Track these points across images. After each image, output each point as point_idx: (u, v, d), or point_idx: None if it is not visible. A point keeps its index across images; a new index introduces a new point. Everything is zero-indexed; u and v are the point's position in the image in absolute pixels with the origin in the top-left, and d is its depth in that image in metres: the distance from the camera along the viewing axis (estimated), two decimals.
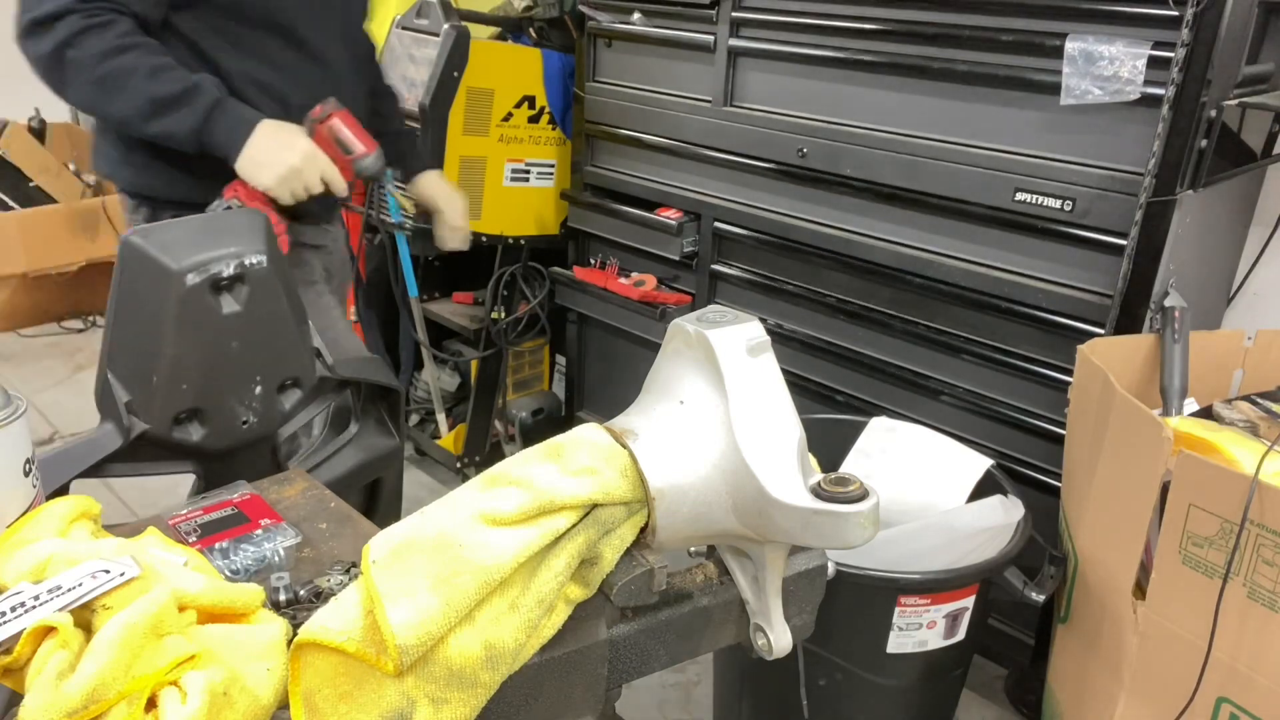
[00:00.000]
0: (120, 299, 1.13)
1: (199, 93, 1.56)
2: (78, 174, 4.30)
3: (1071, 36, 1.76)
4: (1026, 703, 2.18)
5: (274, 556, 0.95)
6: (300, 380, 1.28)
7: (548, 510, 0.65)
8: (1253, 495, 1.34)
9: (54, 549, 0.71)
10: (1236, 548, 1.38)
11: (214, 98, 1.57)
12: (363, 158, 1.71)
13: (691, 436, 0.68)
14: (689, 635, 0.75)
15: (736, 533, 0.69)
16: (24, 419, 0.87)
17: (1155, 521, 1.50)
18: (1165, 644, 1.51)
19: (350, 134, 1.70)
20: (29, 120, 4.33)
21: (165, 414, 1.14)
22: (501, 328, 2.94)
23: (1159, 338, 1.79)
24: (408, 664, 0.61)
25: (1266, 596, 1.37)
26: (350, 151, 1.70)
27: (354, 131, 1.71)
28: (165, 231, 1.13)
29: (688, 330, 0.71)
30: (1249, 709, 1.44)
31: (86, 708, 0.59)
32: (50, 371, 3.95)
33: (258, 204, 1.63)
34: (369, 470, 1.47)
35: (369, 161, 1.72)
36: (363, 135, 1.72)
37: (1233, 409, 1.71)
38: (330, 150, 1.68)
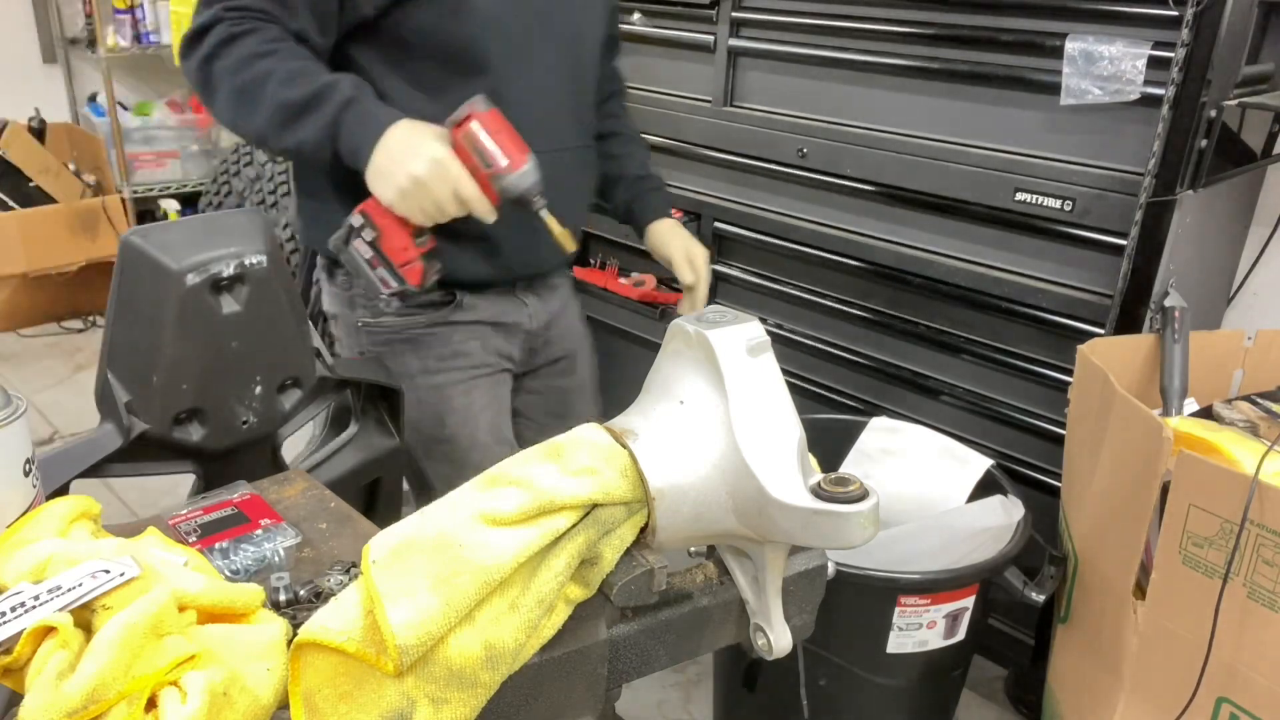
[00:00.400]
0: (120, 299, 1.13)
1: (331, 92, 1.31)
2: (78, 174, 4.30)
3: (1071, 36, 1.76)
4: (1026, 703, 2.18)
5: (274, 556, 0.95)
6: (300, 380, 1.28)
7: (548, 510, 0.65)
8: (1253, 495, 1.34)
9: (54, 549, 0.71)
10: (1236, 548, 1.38)
11: (346, 97, 1.31)
12: (504, 174, 1.33)
13: (691, 436, 0.68)
14: (689, 635, 0.75)
15: (736, 533, 0.69)
16: (24, 419, 0.87)
17: (1155, 521, 1.50)
18: (1165, 644, 1.51)
19: (491, 142, 1.33)
20: (29, 120, 4.33)
21: (165, 414, 1.14)
22: None
23: (1159, 338, 1.79)
24: (408, 664, 0.61)
25: (1266, 596, 1.37)
26: (489, 164, 1.33)
27: (499, 139, 1.34)
28: (165, 231, 1.13)
29: (688, 330, 0.71)
30: (1249, 709, 1.44)
31: (86, 708, 0.59)
32: (50, 371, 3.95)
33: (390, 225, 1.36)
34: (369, 470, 1.47)
35: (512, 179, 1.34)
36: (511, 144, 1.35)
37: (1233, 409, 1.71)
38: (469, 162, 1.33)
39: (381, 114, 1.32)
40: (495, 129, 1.34)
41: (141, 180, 4.54)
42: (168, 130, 4.58)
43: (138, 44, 4.47)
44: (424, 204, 1.31)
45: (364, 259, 1.38)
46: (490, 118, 1.33)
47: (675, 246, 1.70)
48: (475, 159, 1.32)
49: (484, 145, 1.32)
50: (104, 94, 4.41)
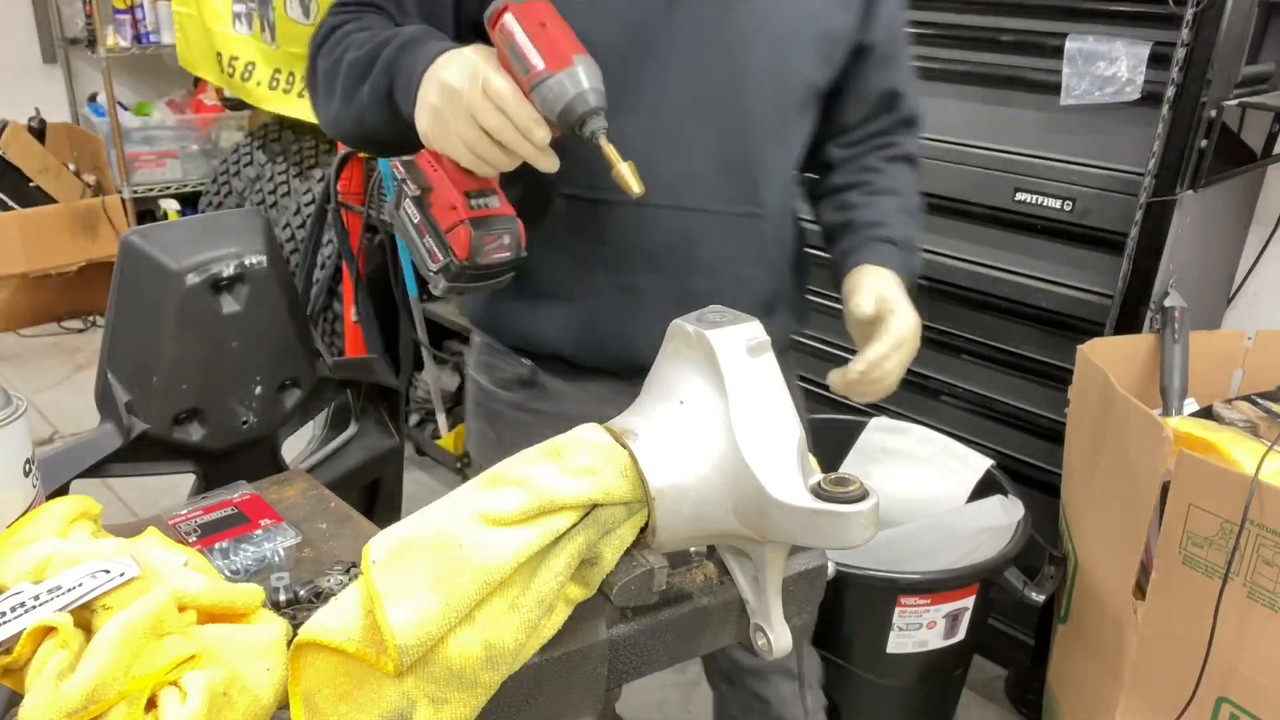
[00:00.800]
0: (120, 299, 1.13)
1: (391, 40, 1.06)
2: (78, 174, 4.31)
3: (1071, 36, 1.76)
4: (1026, 703, 2.18)
5: (274, 556, 0.95)
6: (300, 380, 1.27)
7: (548, 510, 0.65)
8: (1253, 495, 1.34)
9: (54, 549, 0.71)
10: (1236, 548, 1.38)
11: (405, 39, 1.05)
12: (541, 78, 0.96)
13: (691, 437, 0.69)
14: (689, 635, 0.75)
15: (736, 533, 0.69)
16: (24, 419, 0.87)
17: (1155, 521, 1.50)
18: (1165, 644, 1.51)
19: (526, 39, 0.97)
20: (29, 120, 4.34)
21: (165, 414, 1.14)
22: None
23: (1159, 338, 1.79)
24: (408, 664, 0.61)
25: (1266, 596, 1.37)
26: (526, 70, 0.97)
27: (539, 35, 0.98)
28: (165, 231, 1.13)
29: (687, 330, 0.71)
30: (1249, 709, 1.44)
31: (86, 708, 0.59)
32: (50, 371, 3.95)
33: (440, 179, 1.06)
34: (369, 470, 1.47)
35: (551, 85, 0.96)
36: (555, 41, 0.98)
37: (1233, 409, 1.71)
38: (509, 70, 0.99)
39: (435, 47, 1.02)
40: (535, 22, 0.99)
41: (141, 180, 4.54)
42: (167, 130, 4.58)
43: (138, 44, 4.47)
44: (459, 126, 0.97)
45: (412, 224, 1.09)
46: (530, 9, 1.00)
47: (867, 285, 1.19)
48: (513, 64, 0.98)
49: (518, 44, 0.98)
50: (104, 94, 4.41)
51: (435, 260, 1.07)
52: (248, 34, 3.56)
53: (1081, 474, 1.72)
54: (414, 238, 1.09)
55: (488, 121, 0.97)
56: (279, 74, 3.47)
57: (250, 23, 3.52)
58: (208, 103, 4.68)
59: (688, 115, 1.15)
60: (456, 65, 0.98)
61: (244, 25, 3.57)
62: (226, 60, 3.71)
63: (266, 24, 3.41)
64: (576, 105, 0.97)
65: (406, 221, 1.10)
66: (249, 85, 3.61)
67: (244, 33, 3.58)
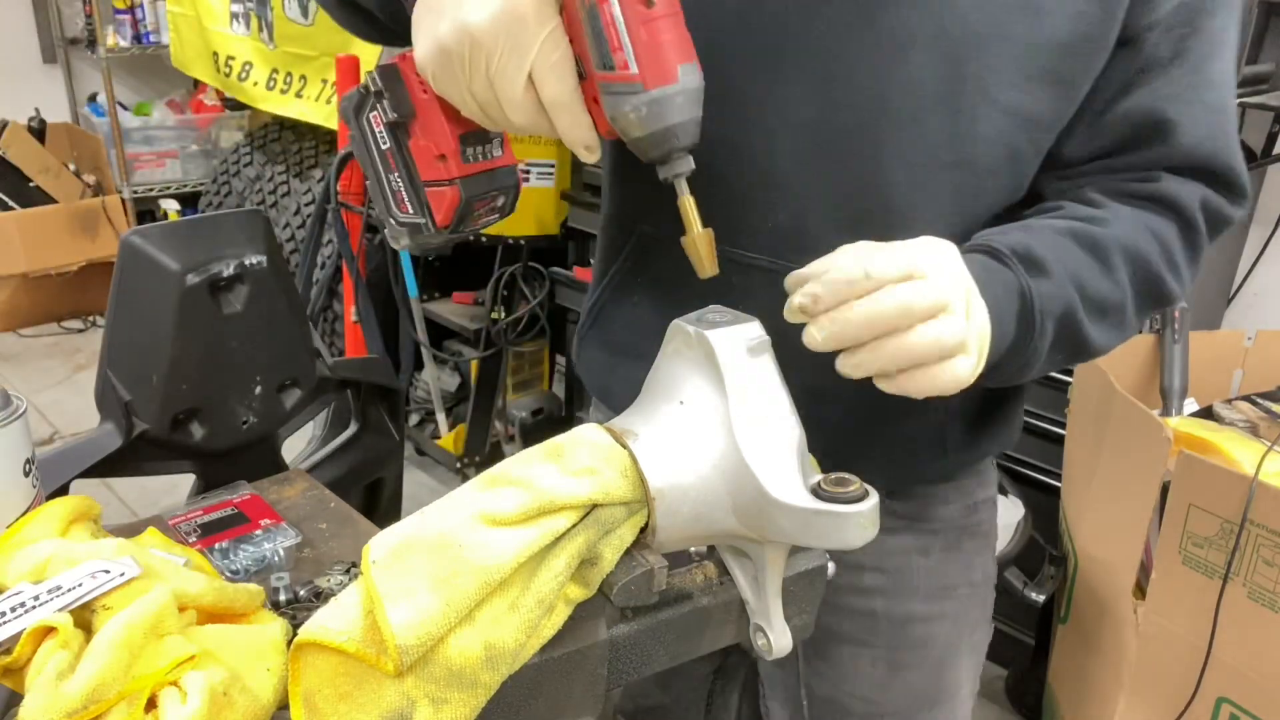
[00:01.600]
0: (120, 299, 1.13)
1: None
2: (78, 174, 4.31)
3: None
4: (1026, 703, 2.18)
5: (274, 556, 0.95)
6: (300, 380, 1.28)
7: (548, 510, 0.65)
8: (1253, 495, 1.34)
9: (54, 549, 0.71)
10: (1236, 548, 1.38)
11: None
12: (626, 85, 0.69)
13: (691, 437, 0.68)
14: (689, 635, 0.75)
15: (736, 533, 0.69)
16: (24, 419, 0.87)
17: (1155, 521, 1.50)
18: (1165, 644, 1.51)
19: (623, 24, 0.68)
20: (29, 120, 4.34)
21: (165, 414, 1.14)
22: (501, 328, 2.94)
23: (1159, 338, 1.79)
24: (408, 664, 0.61)
25: (1266, 596, 1.37)
26: (606, 61, 0.69)
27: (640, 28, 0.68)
28: (165, 231, 1.13)
29: (687, 330, 0.71)
30: (1249, 709, 1.44)
31: (86, 708, 0.59)
32: (50, 371, 3.95)
33: (429, 108, 0.77)
34: (369, 470, 1.47)
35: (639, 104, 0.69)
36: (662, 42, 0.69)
37: (1233, 409, 1.71)
38: (579, 45, 0.71)
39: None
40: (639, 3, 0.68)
41: (141, 180, 4.54)
42: (167, 130, 4.58)
43: (138, 44, 4.48)
44: (476, 86, 0.71)
45: (377, 148, 0.80)
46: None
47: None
48: (588, 42, 0.69)
49: (607, 26, 0.68)
50: (104, 94, 4.41)
51: (403, 209, 0.81)
52: (245, 34, 3.56)
53: (1081, 474, 1.72)
54: (377, 166, 0.81)
55: (520, 119, 0.72)
56: (277, 74, 3.47)
57: (248, 23, 3.52)
58: (208, 103, 4.68)
59: (809, 149, 0.85)
60: (490, 4, 0.68)
61: (241, 25, 3.57)
62: (223, 60, 3.71)
63: (265, 24, 3.41)
64: (662, 141, 0.70)
65: (369, 141, 0.80)
66: (246, 85, 3.61)
67: (241, 33, 3.58)
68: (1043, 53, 0.81)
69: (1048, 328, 0.79)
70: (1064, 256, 0.81)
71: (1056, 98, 0.83)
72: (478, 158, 0.79)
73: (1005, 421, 1.03)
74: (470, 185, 0.79)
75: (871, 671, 1.06)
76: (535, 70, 0.69)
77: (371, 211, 2.88)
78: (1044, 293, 0.78)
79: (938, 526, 1.04)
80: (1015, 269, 0.78)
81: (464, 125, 0.77)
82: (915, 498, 1.03)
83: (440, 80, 0.73)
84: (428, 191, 0.79)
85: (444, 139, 0.78)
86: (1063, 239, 0.83)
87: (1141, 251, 0.84)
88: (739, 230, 0.84)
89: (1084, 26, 0.80)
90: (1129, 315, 0.86)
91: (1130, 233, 0.84)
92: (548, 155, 2.83)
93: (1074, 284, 0.80)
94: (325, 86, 3.22)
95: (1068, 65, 0.82)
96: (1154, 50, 0.83)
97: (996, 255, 0.80)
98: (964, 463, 1.03)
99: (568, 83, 0.70)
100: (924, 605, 1.05)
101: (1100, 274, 0.82)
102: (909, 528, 1.03)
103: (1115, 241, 0.83)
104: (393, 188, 0.81)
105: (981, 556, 1.09)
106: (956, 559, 1.06)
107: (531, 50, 0.68)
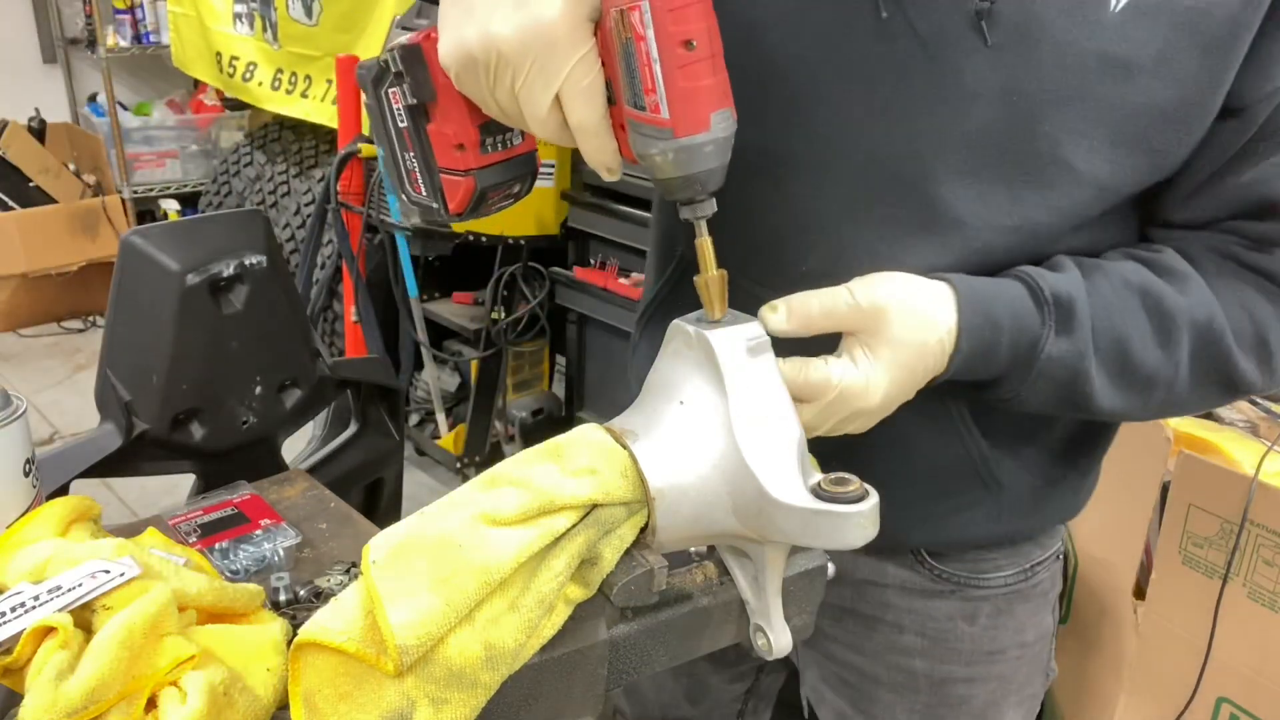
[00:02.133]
0: (120, 299, 1.13)
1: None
2: (78, 174, 4.31)
3: None
4: None
5: (274, 556, 0.95)
6: (300, 380, 1.28)
7: (548, 510, 0.65)
8: (1253, 495, 1.35)
9: (54, 549, 0.71)
10: (1236, 548, 1.38)
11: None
12: (654, 131, 0.66)
13: (691, 437, 0.68)
14: (689, 635, 0.75)
15: (736, 533, 0.69)
16: (24, 419, 0.87)
17: (1155, 521, 1.50)
18: (1165, 644, 1.51)
19: (658, 60, 0.64)
20: (29, 120, 4.34)
21: (165, 414, 1.14)
22: (501, 328, 2.94)
23: None
24: (408, 664, 0.61)
25: (1266, 596, 1.37)
26: (637, 98, 0.66)
27: (680, 68, 0.64)
28: (165, 231, 1.13)
29: (687, 331, 0.71)
30: (1249, 709, 1.44)
31: (86, 708, 0.59)
32: (50, 371, 3.95)
33: (450, 94, 0.74)
34: (369, 470, 1.47)
35: (666, 148, 0.66)
36: (699, 90, 0.65)
37: (1233, 409, 1.71)
38: (611, 69, 0.67)
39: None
40: (680, 38, 0.64)
41: (141, 180, 4.54)
42: (167, 130, 4.59)
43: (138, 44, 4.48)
44: (495, 89, 0.69)
45: (394, 126, 0.78)
46: (682, 13, 0.63)
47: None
48: (620, 74, 0.66)
49: (642, 62, 0.64)
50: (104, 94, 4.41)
51: (416, 190, 0.80)
52: (249, 34, 3.56)
53: None
54: (392, 142, 0.79)
55: (544, 134, 0.70)
56: (281, 74, 3.47)
57: (251, 23, 3.53)
58: (208, 103, 4.68)
59: (854, 195, 0.79)
60: (525, 13, 0.64)
61: (245, 25, 3.57)
62: (226, 60, 3.71)
63: (269, 24, 3.41)
64: (685, 186, 0.68)
65: (387, 115, 0.78)
66: (250, 85, 3.61)
67: (245, 33, 3.58)
68: (1132, 118, 0.73)
69: (1040, 386, 0.76)
70: (1112, 316, 0.76)
71: (1142, 168, 0.75)
72: (496, 147, 0.77)
73: (1073, 489, 0.95)
74: (486, 176, 0.77)
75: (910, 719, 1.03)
76: (564, 93, 0.66)
77: (372, 211, 2.88)
78: (1054, 353, 0.75)
79: (987, 593, 0.97)
80: (1046, 315, 0.74)
81: (484, 115, 0.75)
82: (965, 560, 0.95)
83: (463, 81, 0.71)
84: (443, 178, 0.78)
85: (464, 129, 0.75)
86: (1128, 294, 0.76)
87: (1216, 327, 0.77)
88: (772, 270, 0.80)
89: (1185, 92, 0.72)
90: (1177, 393, 0.79)
91: (1212, 306, 0.77)
92: (548, 155, 2.83)
93: (1110, 347, 0.75)
94: (330, 87, 3.22)
95: (1160, 134, 0.73)
96: (1269, 124, 0.75)
97: (1036, 295, 0.75)
98: (1022, 531, 0.95)
99: (597, 110, 0.67)
100: (966, 669, 1.00)
101: (1154, 345, 0.76)
102: (956, 593, 0.96)
103: (1186, 314, 0.76)
104: (408, 166, 0.79)
105: (1037, 616, 1.02)
106: (1007, 624, 0.99)
107: (560, 74, 0.66)
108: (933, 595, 0.96)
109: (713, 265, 0.71)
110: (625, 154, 0.71)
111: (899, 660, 1.00)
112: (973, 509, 0.89)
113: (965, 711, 1.02)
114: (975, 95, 0.73)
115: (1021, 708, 1.06)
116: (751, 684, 1.19)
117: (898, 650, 1.00)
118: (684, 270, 0.95)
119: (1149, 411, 0.82)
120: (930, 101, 0.75)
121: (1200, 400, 0.82)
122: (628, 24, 0.64)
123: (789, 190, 0.81)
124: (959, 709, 1.02)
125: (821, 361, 0.73)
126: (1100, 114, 0.73)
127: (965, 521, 0.91)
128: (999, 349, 0.74)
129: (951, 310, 0.73)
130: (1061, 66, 0.72)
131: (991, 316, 0.73)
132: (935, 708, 1.02)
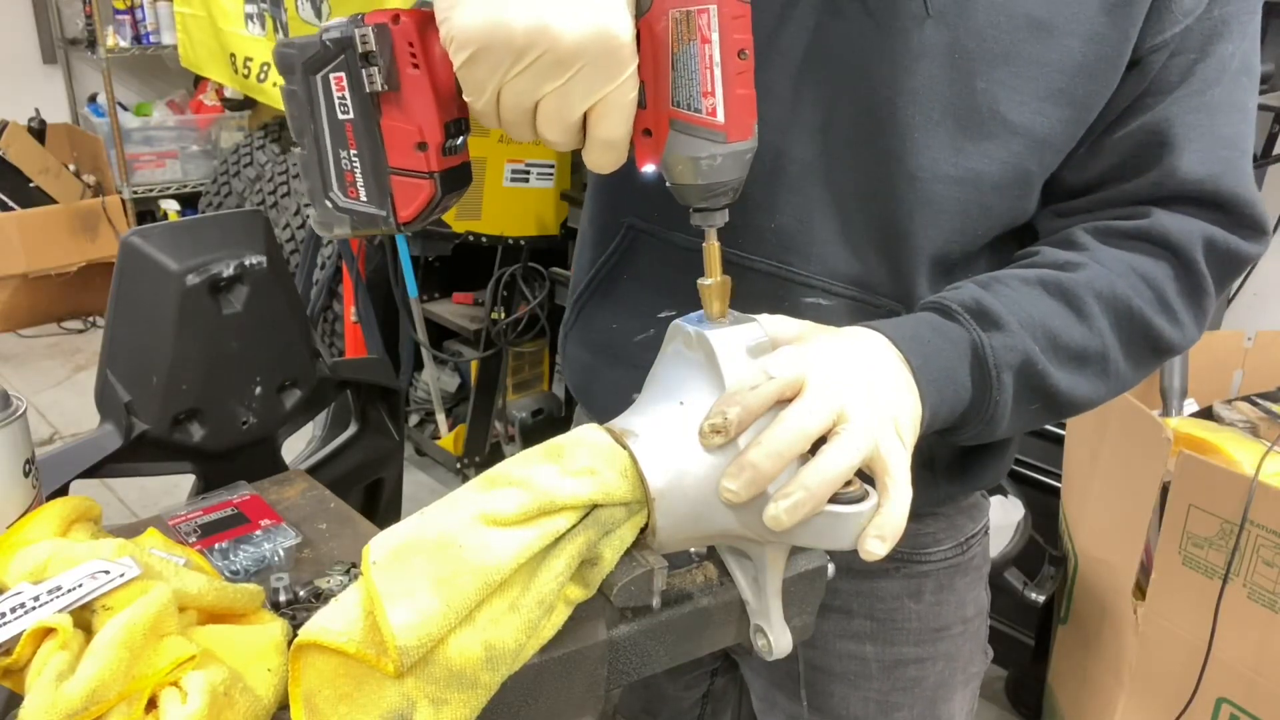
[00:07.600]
0: (120, 299, 1.13)
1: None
2: (78, 174, 4.31)
3: None
4: (1026, 703, 2.18)
5: (274, 557, 0.95)
6: (300, 380, 1.28)
7: (548, 511, 0.65)
8: (1253, 496, 1.35)
9: (54, 549, 0.71)
10: (1236, 548, 1.38)
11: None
12: (706, 134, 0.65)
13: (691, 437, 0.68)
14: (689, 635, 0.75)
15: (736, 533, 0.69)
16: (24, 419, 0.87)
17: (1155, 522, 1.50)
18: (1165, 644, 1.51)
19: (719, 65, 0.63)
20: (29, 120, 4.34)
21: (165, 414, 1.14)
22: (501, 328, 2.94)
23: None
24: (408, 665, 0.61)
25: (1266, 597, 1.37)
26: (686, 100, 0.65)
27: (737, 76, 0.64)
28: (165, 231, 1.14)
29: (688, 331, 0.71)
30: (1249, 709, 1.44)
31: (87, 709, 0.59)
32: (50, 372, 3.95)
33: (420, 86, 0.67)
34: (369, 470, 1.47)
35: (715, 153, 0.66)
36: (748, 98, 0.66)
37: (1233, 409, 1.71)
38: (649, 72, 0.65)
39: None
40: (734, 46, 0.63)
41: (141, 180, 4.54)
42: (167, 130, 4.59)
43: (138, 44, 4.48)
44: (516, 80, 0.63)
45: (330, 118, 0.68)
46: (741, 22, 0.63)
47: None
48: (671, 78, 0.64)
49: (708, 66, 0.63)
50: (104, 94, 4.41)
51: (352, 194, 0.70)
52: (260, 35, 3.56)
53: (1081, 474, 1.72)
54: (321, 138, 0.69)
55: (552, 138, 0.66)
56: None
57: (263, 24, 3.53)
58: (208, 103, 4.68)
59: (817, 152, 0.85)
60: (589, 10, 0.61)
61: (256, 26, 3.58)
62: (241, 61, 3.71)
63: (280, 25, 3.41)
64: (711, 192, 0.67)
65: (320, 104, 0.67)
66: (265, 87, 3.61)
67: (257, 34, 3.59)
68: (1056, 73, 0.79)
69: (1005, 380, 0.77)
70: (1026, 307, 0.79)
71: (1068, 120, 0.81)
72: (454, 151, 0.70)
73: (997, 454, 0.99)
74: (447, 181, 0.70)
75: (864, 711, 1.05)
76: (604, 104, 0.64)
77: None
78: (998, 345, 0.76)
79: (929, 568, 1.03)
80: (966, 324, 0.77)
81: (450, 111, 0.68)
82: (907, 535, 0.99)
83: (475, 62, 0.63)
84: (394, 180, 0.69)
85: (430, 125, 0.67)
86: (1029, 288, 0.80)
87: (1120, 296, 0.81)
88: (742, 231, 0.83)
89: (1098, 47, 0.79)
90: (1115, 364, 0.82)
91: (1109, 277, 0.81)
92: (548, 156, 2.83)
93: (1039, 333, 0.78)
94: None
95: (1081, 87, 0.80)
96: (1162, 74, 0.80)
97: (947, 312, 0.78)
98: (954, 495, 0.99)
99: (628, 125, 0.66)
100: (916, 649, 1.03)
101: (1074, 322, 0.80)
102: (899, 570, 1.01)
103: (1088, 287, 0.80)
104: (341, 166, 0.69)
105: (974, 590, 1.08)
106: (949, 599, 1.04)
107: (611, 84, 0.63)
108: (878, 575, 1.00)
109: (719, 270, 0.71)
110: (638, 161, 0.69)
111: (850, 647, 1.03)
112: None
113: (918, 695, 1.05)
114: (921, 55, 0.79)
115: (967, 688, 1.10)
116: (707, 688, 1.20)
117: (848, 636, 1.02)
118: (631, 243, 0.95)
119: (1106, 389, 0.84)
120: (882, 63, 0.80)
121: (1137, 368, 0.85)
122: (693, 26, 0.62)
123: (758, 151, 0.79)
124: (912, 692, 1.04)
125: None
126: (1029, 71, 0.79)
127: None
128: (953, 370, 0.75)
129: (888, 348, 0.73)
130: (995, 27, 0.78)
131: (920, 338, 0.75)
132: (888, 694, 1.04)
